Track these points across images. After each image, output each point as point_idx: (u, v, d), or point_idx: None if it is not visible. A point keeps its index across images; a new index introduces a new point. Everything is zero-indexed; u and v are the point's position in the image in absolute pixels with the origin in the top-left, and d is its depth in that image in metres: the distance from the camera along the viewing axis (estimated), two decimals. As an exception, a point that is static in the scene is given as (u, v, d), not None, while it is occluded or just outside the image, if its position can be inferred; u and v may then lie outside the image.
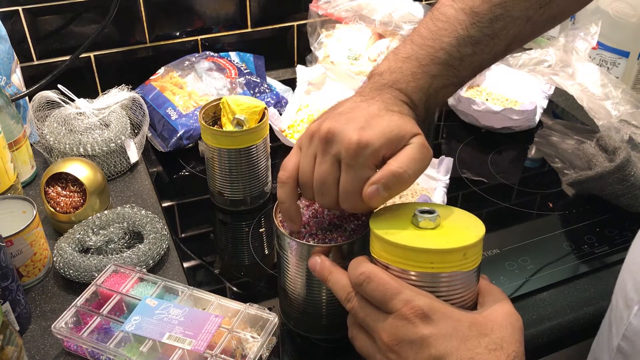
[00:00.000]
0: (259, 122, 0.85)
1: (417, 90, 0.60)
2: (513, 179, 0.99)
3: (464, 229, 0.53)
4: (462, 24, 0.60)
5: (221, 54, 1.17)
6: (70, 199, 0.84)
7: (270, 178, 0.91)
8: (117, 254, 0.79)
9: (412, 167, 0.54)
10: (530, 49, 1.21)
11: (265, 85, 1.09)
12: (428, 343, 0.47)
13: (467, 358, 0.46)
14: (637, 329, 0.57)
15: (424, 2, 1.31)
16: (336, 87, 1.12)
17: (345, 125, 0.55)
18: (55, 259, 0.78)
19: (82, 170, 0.84)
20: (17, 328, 0.69)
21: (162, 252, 0.80)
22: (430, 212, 0.53)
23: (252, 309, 0.67)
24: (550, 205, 0.92)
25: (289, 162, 0.60)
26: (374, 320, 0.50)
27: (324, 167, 0.56)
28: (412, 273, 0.50)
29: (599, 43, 1.17)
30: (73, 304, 0.69)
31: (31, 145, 0.96)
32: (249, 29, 1.25)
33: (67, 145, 0.92)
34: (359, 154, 0.53)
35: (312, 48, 1.24)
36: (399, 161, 0.54)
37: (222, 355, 0.63)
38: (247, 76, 1.10)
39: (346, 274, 0.54)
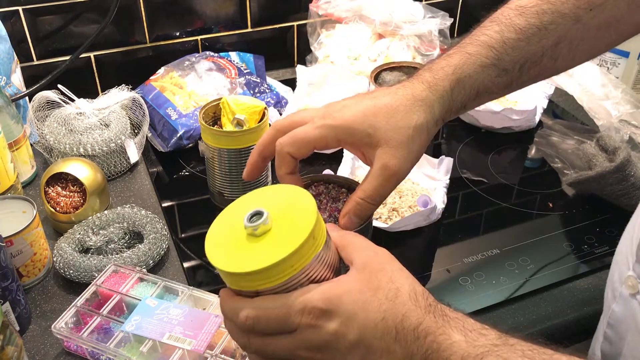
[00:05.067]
0: (259, 122, 0.85)
1: (446, 66, 0.58)
2: (513, 179, 0.99)
3: (298, 213, 0.49)
4: (507, 17, 0.60)
5: (221, 54, 1.17)
6: (70, 199, 0.84)
7: (270, 178, 0.91)
8: (117, 254, 0.79)
9: (375, 195, 0.55)
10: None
11: (265, 85, 1.09)
12: (342, 333, 0.45)
13: (380, 320, 0.45)
14: (619, 315, 0.59)
15: (424, 2, 1.31)
16: (336, 87, 1.12)
17: None
18: (55, 259, 0.78)
19: (82, 170, 0.84)
20: (17, 328, 0.69)
21: (162, 252, 0.80)
22: (259, 213, 0.49)
23: (252, 309, 0.67)
24: (550, 205, 0.92)
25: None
26: (284, 346, 0.47)
27: None
28: (282, 283, 0.47)
29: (599, 43, 1.16)
30: (73, 304, 0.69)
31: (31, 145, 0.96)
32: (249, 29, 1.25)
33: (67, 145, 0.92)
34: None
35: (312, 48, 1.24)
36: (362, 190, 0.56)
37: (222, 355, 0.63)
38: (247, 76, 1.10)
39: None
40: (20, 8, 1.05)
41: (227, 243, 0.48)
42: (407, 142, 0.55)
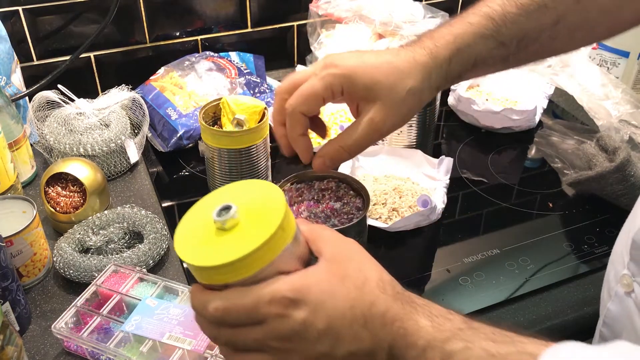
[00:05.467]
0: (259, 122, 0.85)
1: (447, 34, 0.59)
2: (513, 179, 0.99)
3: (267, 207, 0.49)
4: None
5: (221, 54, 1.17)
6: (70, 199, 0.84)
7: (270, 178, 0.91)
8: (117, 254, 0.79)
9: (355, 146, 0.58)
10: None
11: (265, 85, 1.09)
12: (310, 322, 0.45)
13: (348, 308, 0.45)
14: (614, 314, 0.60)
15: (424, 2, 1.31)
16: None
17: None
18: (55, 259, 0.78)
19: (82, 170, 0.84)
20: (17, 328, 0.69)
21: (162, 252, 0.80)
22: (228, 207, 0.48)
23: (252, 309, 0.67)
24: (550, 205, 0.92)
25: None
26: (254, 337, 0.47)
27: None
28: (251, 276, 0.47)
29: (599, 43, 1.16)
30: (73, 304, 0.69)
31: (31, 145, 0.96)
32: (249, 29, 1.25)
33: (67, 145, 0.92)
34: None
35: (312, 48, 1.24)
36: (345, 139, 0.58)
37: (222, 355, 0.63)
38: (247, 76, 1.10)
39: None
40: (20, 8, 1.05)
41: (196, 237, 0.48)
42: (400, 103, 0.57)
